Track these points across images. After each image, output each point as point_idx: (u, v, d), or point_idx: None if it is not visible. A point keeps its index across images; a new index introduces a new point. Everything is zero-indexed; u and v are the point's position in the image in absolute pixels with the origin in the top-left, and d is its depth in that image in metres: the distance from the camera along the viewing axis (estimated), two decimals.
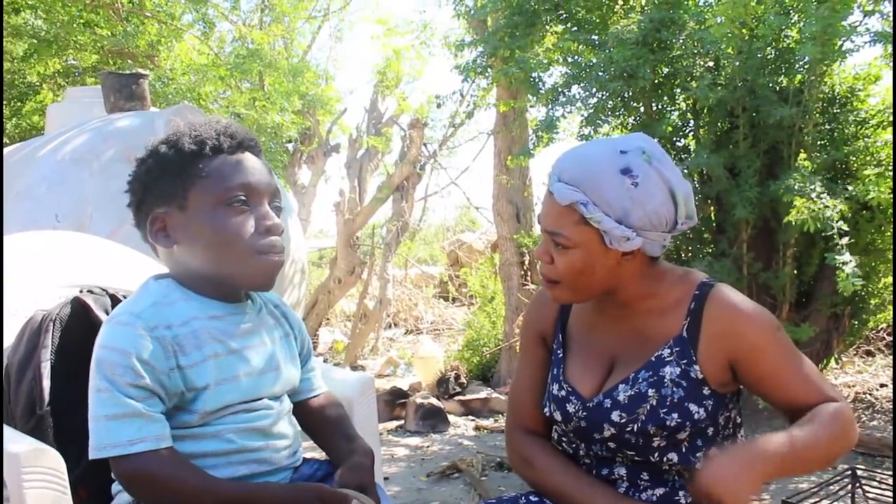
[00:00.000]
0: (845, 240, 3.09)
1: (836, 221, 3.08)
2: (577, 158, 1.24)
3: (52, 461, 1.15)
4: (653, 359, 1.28)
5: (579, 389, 1.33)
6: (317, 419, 1.42)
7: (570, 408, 1.33)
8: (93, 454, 1.15)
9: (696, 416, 1.25)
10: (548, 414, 1.38)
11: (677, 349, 1.27)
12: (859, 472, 2.31)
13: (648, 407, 1.26)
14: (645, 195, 1.19)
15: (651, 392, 1.26)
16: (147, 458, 1.13)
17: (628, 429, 1.27)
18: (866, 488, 2.23)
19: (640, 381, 1.27)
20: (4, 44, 7.75)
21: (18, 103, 8.16)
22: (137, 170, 1.28)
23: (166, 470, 1.14)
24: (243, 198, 1.23)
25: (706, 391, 1.26)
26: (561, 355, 1.39)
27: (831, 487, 2.32)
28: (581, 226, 1.21)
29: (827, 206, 3.09)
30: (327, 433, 1.41)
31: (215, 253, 1.23)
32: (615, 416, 1.28)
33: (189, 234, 1.24)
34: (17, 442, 1.15)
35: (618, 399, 1.28)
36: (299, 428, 1.41)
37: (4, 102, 8.02)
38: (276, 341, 1.35)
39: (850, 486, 2.24)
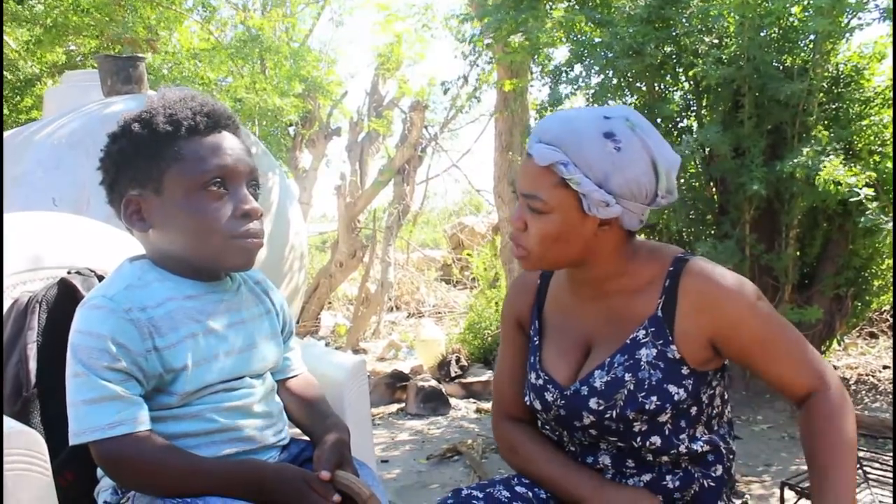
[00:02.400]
0: (875, 204, 3.07)
1: (860, 188, 3.05)
2: (559, 120, 1.20)
3: (33, 443, 1.13)
4: (628, 341, 1.25)
5: (556, 377, 1.30)
6: (294, 399, 1.40)
7: (549, 396, 1.30)
8: (72, 440, 1.13)
9: (675, 398, 1.22)
10: (528, 403, 1.36)
11: (652, 329, 1.23)
12: (861, 454, 2.29)
13: (626, 392, 1.22)
14: (626, 161, 1.15)
15: (628, 376, 1.22)
16: (127, 441, 1.11)
17: (607, 415, 1.24)
18: (868, 470, 2.21)
19: (616, 365, 1.24)
20: (6, 33, 7.71)
21: (17, 97, 8.11)
22: (109, 147, 1.24)
23: (147, 452, 1.12)
24: (220, 181, 1.20)
25: (685, 371, 1.22)
26: (537, 342, 1.36)
27: None
28: (559, 188, 1.17)
29: (852, 174, 3.07)
30: (304, 413, 1.39)
31: (192, 238, 1.20)
32: (593, 403, 1.24)
33: (165, 218, 1.21)
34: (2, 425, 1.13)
35: (594, 386, 1.25)
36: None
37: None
38: (256, 319, 1.33)
39: None
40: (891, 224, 3.04)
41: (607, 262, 1.25)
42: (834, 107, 3.84)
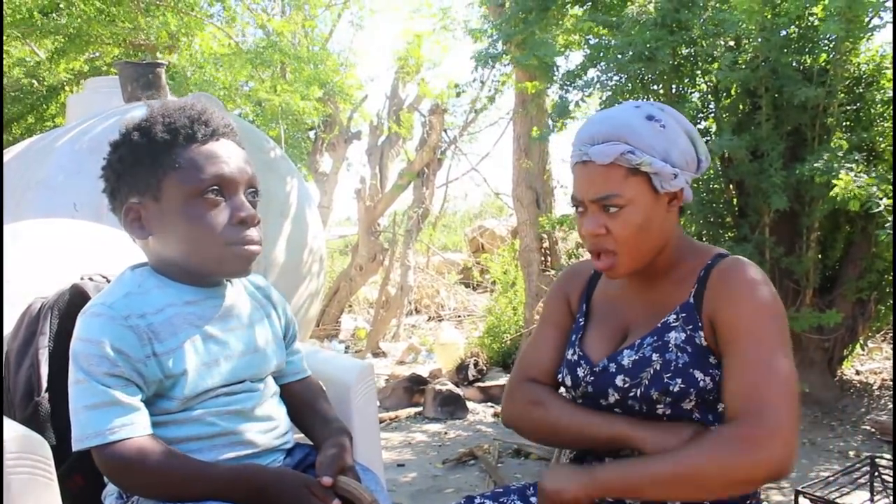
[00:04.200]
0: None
1: (881, 199, 3.00)
2: (602, 121, 1.26)
3: (37, 448, 1.14)
4: (659, 325, 1.28)
5: (590, 355, 1.34)
6: (298, 402, 1.41)
7: (580, 372, 1.33)
8: (75, 446, 1.14)
9: (700, 384, 1.22)
10: (560, 379, 1.38)
11: (683, 315, 1.26)
12: (880, 462, 2.26)
13: (652, 371, 1.24)
14: (673, 135, 1.25)
15: (655, 357, 1.24)
16: (128, 446, 1.12)
17: (631, 394, 1.25)
18: (886, 478, 2.17)
19: (646, 346, 1.27)
20: (32, 46, 7.86)
21: (43, 105, 8.26)
22: (110, 156, 1.25)
23: (148, 457, 1.12)
24: (217, 189, 1.21)
25: (713, 360, 1.23)
26: (582, 324, 1.40)
27: (852, 475, 2.27)
28: (630, 178, 1.23)
29: (871, 184, 3.02)
30: (307, 417, 1.40)
31: (189, 245, 1.22)
32: (619, 380, 1.26)
33: (163, 225, 1.22)
34: (3, 428, 1.14)
35: (622, 363, 1.27)
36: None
37: (27, 107, 8.14)
38: (257, 323, 1.34)
39: (868, 476, 2.19)
40: None
41: (675, 244, 1.31)
42: (855, 108, 3.79)
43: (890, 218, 3.05)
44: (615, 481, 1.16)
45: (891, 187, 3.13)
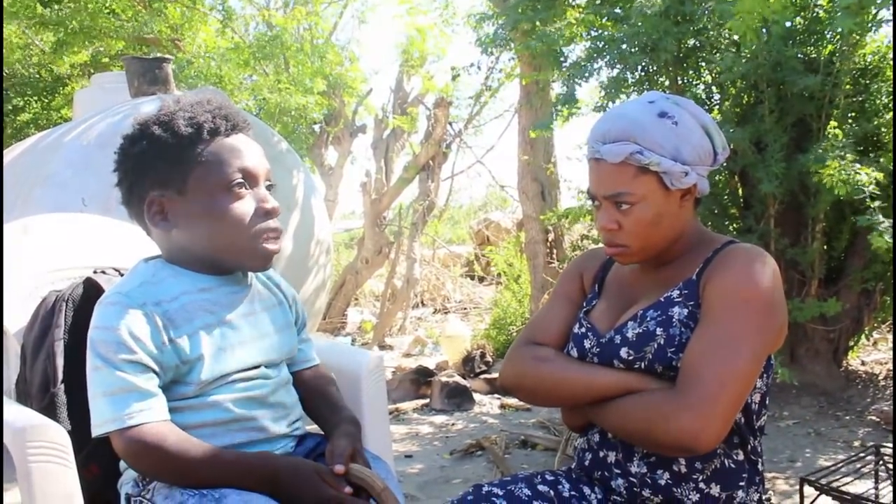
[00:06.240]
0: (877, 203, 3.04)
1: (868, 186, 3.02)
2: (613, 118, 1.28)
3: (56, 436, 1.17)
4: (662, 299, 1.30)
5: (597, 326, 1.36)
6: (308, 390, 1.43)
7: (587, 343, 1.36)
8: (94, 432, 1.17)
9: None
10: (565, 352, 1.40)
11: (686, 291, 1.28)
12: (884, 451, 2.27)
13: (656, 346, 1.25)
14: (686, 131, 1.26)
15: (659, 331, 1.26)
16: (146, 431, 1.14)
17: (635, 366, 1.27)
18: (890, 466, 2.19)
19: (649, 319, 1.28)
20: (32, 36, 7.88)
21: (49, 96, 8.28)
22: (128, 149, 1.27)
23: (166, 442, 1.15)
24: (242, 181, 1.24)
25: None
26: (594, 303, 1.43)
27: (856, 465, 2.28)
28: (640, 176, 1.25)
29: (858, 172, 3.04)
30: (317, 404, 1.43)
31: (217, 237, 1.24)
32: (623, 352, 1.28)
33: (189, 218, 1.24)
34: (22, 417, 1.17)
35: (627, 336, 1.29)
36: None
37: (34, 96, 8.17)
38: (268, 310, 1.36)
39: (873, 464, 2.21)
40: (885, 225, 3.00)
41: (689, 234, 1.33)
42: (860, 99, 3.79)
43: (872, 205, 3.07)
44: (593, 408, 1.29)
45: (881, 176, 3.14)
